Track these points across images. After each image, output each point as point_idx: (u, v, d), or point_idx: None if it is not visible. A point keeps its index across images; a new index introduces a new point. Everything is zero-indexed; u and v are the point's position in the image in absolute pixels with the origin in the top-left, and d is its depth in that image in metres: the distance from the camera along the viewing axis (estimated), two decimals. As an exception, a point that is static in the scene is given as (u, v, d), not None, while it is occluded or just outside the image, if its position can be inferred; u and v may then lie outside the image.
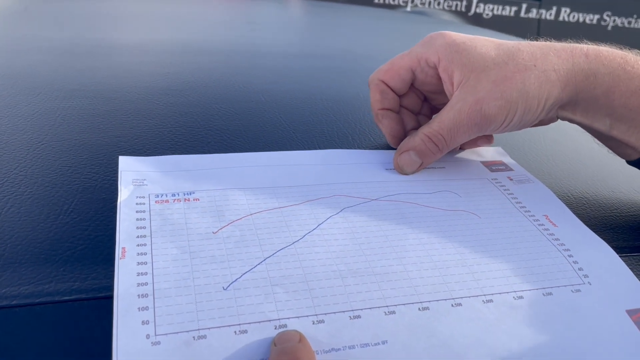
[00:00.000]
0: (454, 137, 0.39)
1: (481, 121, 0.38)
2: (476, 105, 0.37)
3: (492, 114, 0.37)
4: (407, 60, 0.42)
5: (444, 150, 0.40)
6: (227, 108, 0.49)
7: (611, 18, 3.01)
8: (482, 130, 0.38)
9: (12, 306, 0.26)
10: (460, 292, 0.30)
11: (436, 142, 0.39)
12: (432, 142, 0.39)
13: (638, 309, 0.31)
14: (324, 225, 0.34)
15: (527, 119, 0.38)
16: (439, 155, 0.40)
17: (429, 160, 0.40)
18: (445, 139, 0.39)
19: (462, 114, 0.38)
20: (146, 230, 0.31)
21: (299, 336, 0.26)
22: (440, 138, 0.39)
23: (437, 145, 0.39)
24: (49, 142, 0.40)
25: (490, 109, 0.37)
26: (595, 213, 0.40)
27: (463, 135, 0.39)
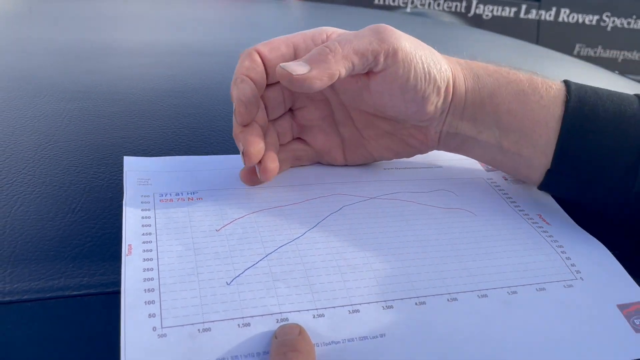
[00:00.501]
0: (346, 44, 0.34)
1: (381, 32, 0.34)
2: (377, 25, 0.35)
3: (395, 42, 0.34)
4: (291, 36, 0.37)
5: (337, 53, 0.33)
6: (229, 109, 0.50)
7: (610, 19, 3.02)
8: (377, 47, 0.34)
9: (23, 301, 0.27)
10: (456, 287, 0.31)
11: (327, 46, 0.34)
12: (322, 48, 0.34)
13: (629, 304, 0.32)
14: (323, 222, 0.35)
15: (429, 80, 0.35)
16: (331, 60, 0.33)
17: (317, 68, 0.33)
18: (336, 42, 0.34)
19: (360, 31, 0.35)
20: (151, 228, 0.32)
21: (299, 329, 0.27)
22: (331, 44, 0.34)
23: (329, 47, 0.34)
24: (56, 143, 0.41)
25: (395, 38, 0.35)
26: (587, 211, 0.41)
27: (356, 43, 0.34)
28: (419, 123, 0.38)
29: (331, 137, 0.41)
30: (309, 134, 0.41)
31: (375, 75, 0.36)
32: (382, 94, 0.36)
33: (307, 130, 0.41)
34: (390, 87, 0.36)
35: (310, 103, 0.40)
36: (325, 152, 0.41)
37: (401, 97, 0.36)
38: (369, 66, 0.35)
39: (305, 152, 0.41)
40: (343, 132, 0.41)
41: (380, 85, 0.36)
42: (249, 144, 0.34)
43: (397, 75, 0.35)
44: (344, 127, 0.40)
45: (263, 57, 0.36)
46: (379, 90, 0.36)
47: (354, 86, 0.37)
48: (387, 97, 0.36)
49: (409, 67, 0.35)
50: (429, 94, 0.36)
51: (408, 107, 0.36)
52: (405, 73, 0.35)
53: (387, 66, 0.35)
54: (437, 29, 1.24)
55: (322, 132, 0.40)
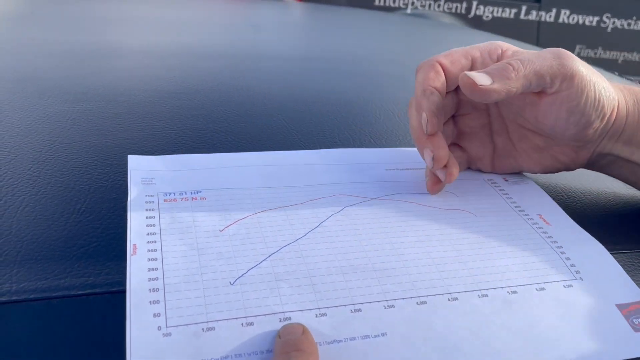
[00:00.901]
0: (528, 64, 0.36)
1: (563, 65, 0.36)
2: (558, 49, 0.37)
3: (573, 67, 0.36)
4: (468, 48, 0.40)
5: (518, 71, 0.35)
6: (231, 110, 0.50)
7: (611, 20, 3.02)
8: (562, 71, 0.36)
9: (29, 300, 0.27)
10: (457, 287, 0.32)
11: (510, 63, 0.36)
12: (505, 64, 0.36)
13: (628, 304, 0.32)
14: (326, 223, 0.35)
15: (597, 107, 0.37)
16: (512, 77, 0.35)
17: (498, 82, 0.35)
18: (518, 60, 0.36)
19: (541, 52, 0.37)
20: (156, 227, 0.33)
21: (302, 328, 0.27)
22: (514, 62, 0.36)
23: (512, 64, 0.36)
24: (61, 144, 0.41)
25: (574, 63, 0.36)
26: (587, 212, 0.42)
27: (538, 65, 0.36)
28: (575, 143, 0.40)
29: (485, 145, 0.43)
30: (466, 140, 0.43)
31: (548, 95, 0.37)
32: (549, 114, 0.38)
33: (465, 136, 0.43)
34: (559, 109, 0.37)
35: (472, 111, 0.42)
36: (477, 159, 0.43)
37: (566, 119, 0.37)
38: (544, 87, 0.37)
39: (460, 157, 0.43)
40: (497, 142, 0.43)
41: (550, 105, 0.38)
42: (438, 149, 0.37)
43: (569, 98, 0.37)
44: (498, 137, 0.43)
45: (444, 69, 0.39)
46: (547, 110, 0.38)
47: (521, 102, 0.39)
48: (552, 117, 0.38)
49: (582, 92, 0.36)
50: (594, 119, 0.37)
51: (569, 129, 0.38)
52: (577, 97, 0.36)
53: (561, 89, 0.37)
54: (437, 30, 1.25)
55: (478, 139, 0.43)
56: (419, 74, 0.39)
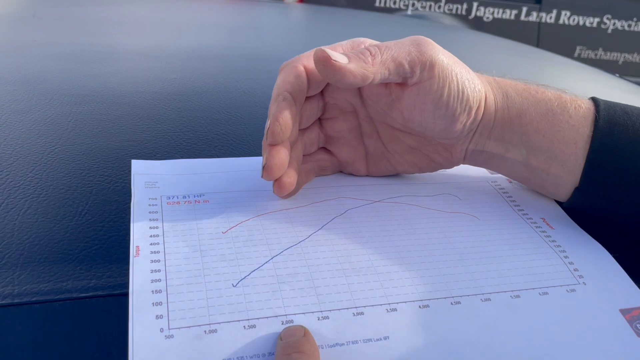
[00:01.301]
0: (386, 50, 0.34)
1: (421, 52, 0.35)
2: (417, 36, 0.36)
3: (432, 54, 0.35)
4: (331, 46, 0.37)
5: (376, 57, 0.34)
6: (233, 113, 0.50)
7: (611, 21, 3.03)
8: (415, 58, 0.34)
9: (32, 303, 0.27)
10: (459, 290, 0.32)
11: (367, 48, 0.34)
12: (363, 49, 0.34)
13: (631, 308, 0.32)
14: (328, 225, 0.35)
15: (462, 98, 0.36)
16: (369, 62, 0.33)
17: (355, 63, 0.33)
18: (377, 47, 0.34)
19: (400, 40, 0.35)
20: (159, 230, 0.33)
21: (303, 331, 0.27)
22: (372, 48, 0.34)
23: (369, 50, 0.34)
24: (62, 146, 0.41)
25: (433, 50, 0.35)
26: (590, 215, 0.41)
27: (395, 51, 0.34)
28: (445, 141, 0.38)
29: (356, 149, 0.41)
30: (335, 145, 0.41)
31: (409, 87, 0.36)
32: (414, 108, 0.36)
33: (334, 141, 0.41)
34: (422, 101, 0.36)
35: (339, 114, 0.40)
36: (349, 164, 0.41)
37: (432, 112, 0.36)
38: (405, 76, 0.35)
39: (330, 162, 0.41)
40: (368, 145, 0.41)
41: (413, 98, 0.36)
42: (272, 157, 0.34)
43: (431, 89, 0.35)
44: (369, 140, 0.41)
45: (308, 71, 0.36)
46: (411, 104, 0.36)
47: (385, 98, 0.38)
48: (417, 112, 0.36)
49: (444, 83, 0.35)
50: (460, 112, 0.36)
51: (437, 124, 0.37)
52: (439, 88, 0.35)
53: (422, 79, 0.35)
54: (437, 31, 1.25)
55: (347, 143, 0.41)
56: (279, 76, 0.37)
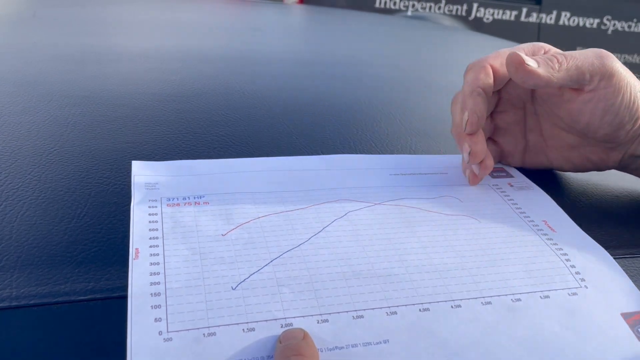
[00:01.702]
0: (571, 59, 0.38)
1: (603, 64, 0.38)
2: (600, 50, 0.39)
3: (613, 67, 0.38)
4: (516, 49, 0.41)
5: (562, 65, 0.38)
6: (233, 114, 0.50)
7: (611, 22, 3.02)
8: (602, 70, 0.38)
9: (30, 305, 0.27)
10: (460, 294, 0.31)
11: (555, 56, 0.38)
12: (551, 56, 0.38)
13: (633, 313, 0.32)
14: (329, 228, 0.35)
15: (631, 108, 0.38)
16: (556, 68, 0.38)
17: (543, 68, 0.37)
18: (564, 55, 0.38)
19: (584, 51, 0.39)
20: (158, 232, 0.32)
21: (302, 333, 0.27)
22: (559, 55, 0.38)
23: (557, 57, 0.38)
24: (61, 147, 0.41)
25: (614, 63, 0.38)
26: (592, 217, 0.41)
27: (580, 61, 0.38)
28: (605, 144, 0.41)
29: (518, 141, 0.45)
30: (500, 136, 0.45)
31: (585, 93, 0.39)
32: (584, 111, 0.39)
33: (500, 131, 0.45)
34: (594, 107, 0.39)
35: (510, 108, 0.44)
36: (509, 154, 0.45)
37: (600, 118, 0.39)
38: (583, 84, 0.38)
39: (494, 151, 0.44)
40: (530, 139, 0.45)
41: (586, 103, 0.39)
42: (475, 145, 0.39)
43: (605, 97, 0.38)
44: (531, 134, 0.44)
45: (494, 70, 0.41)
46: (582, 108, 0.39)
47: (557, 99, 0.41)
48: (586, 116, 0.39)
49: (618, 92, 0.38)
50: (627, 120, 0.39)
51: (602, 128, 0.39)
52: (613, 97, 0.38)
53: (598, 87, 0.38)
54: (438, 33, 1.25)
55: (512, 135, 0.45)
56: (468, 74, 0.41)
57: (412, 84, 0.72)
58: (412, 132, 0.52)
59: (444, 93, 0.68)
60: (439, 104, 0.63)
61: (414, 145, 0.49)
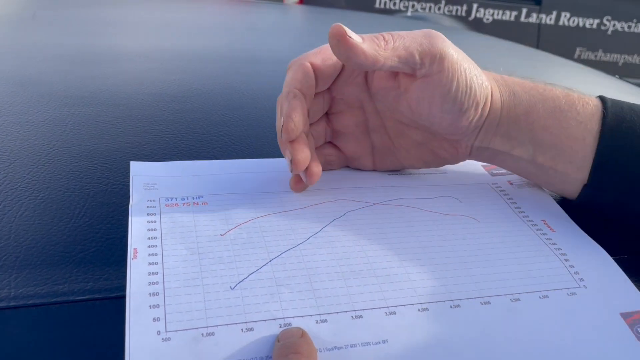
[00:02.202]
0: (398, 38, 0.35)
1: (432, 44, 0.35)
2: (429, 30, 0.36)
3: (443, 48, 0.35)
4: None
5: (389, 43, 0.34)
6: (233, 115, 0.50)
7: (611, 22, 3.02)
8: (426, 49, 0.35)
9: (28, 306, 0.27)
10: (459, 294, 0.31)
11: (381, 34, 0.35)
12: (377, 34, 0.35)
13: (632, 312, 0.32)
14: (327, 228, 0.35)
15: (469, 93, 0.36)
16: (382, 46, 0.34)
17: (368, 44, 0.34)
18: (390, 34, 0.35)
19: (414, 31, 0.36)
20: (157, 232, 0.32)
21: (301, 332, 0.27)
22: (386, 34, 0.35)
23: (383, 36, 0.35)
24: (61, 148, 0.41)
25: (442, 35, 0.35)
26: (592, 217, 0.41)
27: (407, 41, 0.35)
28: (451, 136, 0.39)
29: (363, 143, 0.41)
30: (342, 140, 0.41)
31: (418, 79, 0.36)
32: (422, 100, 0.37)
33: (340, 135, 0.41)
34: (431, 94, 0.36)
35: (346, 109, 0.40)
36: (355, 158, 0.42)
37: (440, 106, 0.36)
38: (414, 67, 0.35)
39: (336, 157, 0.42)
40: (375, 140, 0.41)
41: (421, 90, 0.36)
42: (296, 153, 0.35)
43: (440, 82, 0.35)
44: (376, 135, 0.41)
45: (315, 68, 0.37)
46: (419, 96, 0.37)
47: (394, 91, 0.38)
48: (425, 105, 0.37)
49: (452, 77, 0.35)
50: (467, 107, 0.36)
51: (444, 119, 0.37)
52: (448, 82, 0.35)
53: (431, 72, 0.35)
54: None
55: (354, 138, 0.41)
56: (287, 74, 0.37)
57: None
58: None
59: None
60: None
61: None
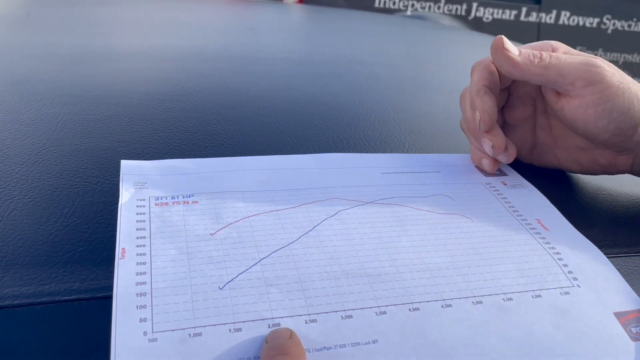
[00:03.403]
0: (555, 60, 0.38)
1: (589, 71, 0.37)
2: (592, 57, 0.38)
3: (604, 67, 0.37)
4: (522, 47, 0.41)
5: (544, 61, 0.38)
6: (225, 113, 0.49)
7: (611, 21, 3.02)
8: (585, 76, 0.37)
9: (14, 306, 0.27)
10: (451, 293, 0.31)
11: (541, 53, 0.39)
12: (537, 51, 0.39)
13: (626, 312, 0.32)
14: (319, 227, 0.35)
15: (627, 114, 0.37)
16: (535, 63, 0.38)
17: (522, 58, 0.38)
18: (549, 54, 0.38)
19: (574, 56, 0.39)
20: (146, 231, 0.32)
21: (289, 333, 0.27)
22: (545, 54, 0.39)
23: (542, 54, 0.38)
24: (50, 146, 0.40)
25: (603, 64, 0.38)
26: (585, 215, 0.41)
27: (564, 63, 0.38)
28: (612, 148, 0.40)
29: (528, 137, 0.45)
30: (510, 131, 0.45)
31: (573, 98, 0.39)
32: (577, 118, 0.39)
33: (509, 127, 0.45)
34: (585, 113, 0.38)
35: (519, 105, 0.45)
36: (518, 149, 0.45)
37: (594, 124, 0.38)
38: (565, 87, 0.38)
39: None
40: (539, 136, 0.45)
41: (577, 109, 0.39)
42: (495, 138, 0.41)
43: (594, 103, 0.37)
44: (541, 131, 0.45)
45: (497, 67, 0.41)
46: (575, 114, 0.39)
47: (554, 104, 0.41)
48: (581, 121, 0.39)
49: (607, 99, 0.37)
50: (625, 127, 0.38)
51: (600, 135, 0.39)
52: (602, 103, 0.37)
53: (585, 93, 0.38)
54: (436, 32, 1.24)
55: (521, 131, 0.45)
56: (474, 74, 0.42)
57: (407, 83, 0.72)
58: (406, 131, 0.52)
59: (438, 92, 0.68)
60: (433, 103, 0.63)
61: (407, 144, 0.49)
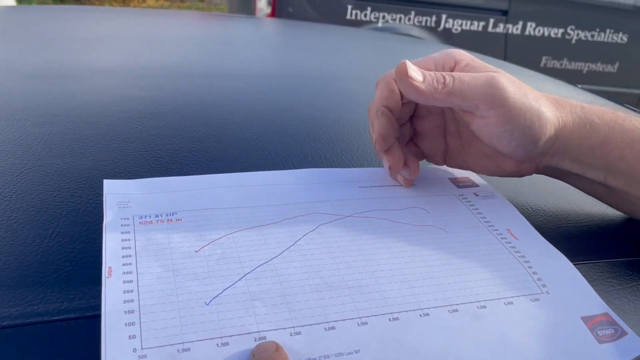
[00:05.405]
0: (459, 83, 0.38)
1: (491, 94, 0.38)
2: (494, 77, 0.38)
3: (506, 88, 0.38)
4: (423, 60, 0.42)
5: (447, 87, 0.38)
6: (204, 130, 0.50)
7: (575, 32, 3.11)
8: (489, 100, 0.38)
9: (3, 327, 0.27)
10: (428, 302, 0.32)
11: (444, 76, 0.38)
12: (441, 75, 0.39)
13: (592, 316, 0.33)
14: (300, 241, 0.36)
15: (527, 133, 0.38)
16: (439, 89, 0.38)
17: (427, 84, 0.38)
18: (453, 77, 0.38)
19: (477, 76, 0.39)
20: (131, 250, 0.33)
21: (275, 346, 0.28)
22: (449, 76, 0.38)
23: (445, 78, 0.38)
24: (32, 167, 0.41)
25: (505, 85, 0.38)
26: (553, 225, 0.43)
27: (467, 87, 0.38)
28: (516, 157, 0.41)
29: (439, 143, 0.46)
30: (420, 140, 0.46)
31: (477, 117, 0.39)
32: (482, 133, 0.40)
33: (420, 136, 0.46)
34: (489, 131, 0.39)
35: (428, 114, 0.45)
36: (431, 156, 0.46)
37: (498, 140, 0.39)
38: (471, 109, 0.39)
39: (415, 153, 0.46)
40: (449, 142, 0.46)
41: (480, 126, 0.40)
42: (392, 158, 0.41)
43: (497, 124, 0.38)
44: (451, 138, 0.45)
45: None
46: (481, 130, 0.40)
47: (463, 116, 0.41)
48: (486, 136, 0.40)
49: (508, 121, 0.38)
50: (527, 142, 0.39)
51: (504, 148, 0.40)
52: (504, 124, 0.38)
53: (489, 115, 0.38)
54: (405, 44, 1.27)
55: (432, 139, 0.46)
56: (377, 91, 0.42)
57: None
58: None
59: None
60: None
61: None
